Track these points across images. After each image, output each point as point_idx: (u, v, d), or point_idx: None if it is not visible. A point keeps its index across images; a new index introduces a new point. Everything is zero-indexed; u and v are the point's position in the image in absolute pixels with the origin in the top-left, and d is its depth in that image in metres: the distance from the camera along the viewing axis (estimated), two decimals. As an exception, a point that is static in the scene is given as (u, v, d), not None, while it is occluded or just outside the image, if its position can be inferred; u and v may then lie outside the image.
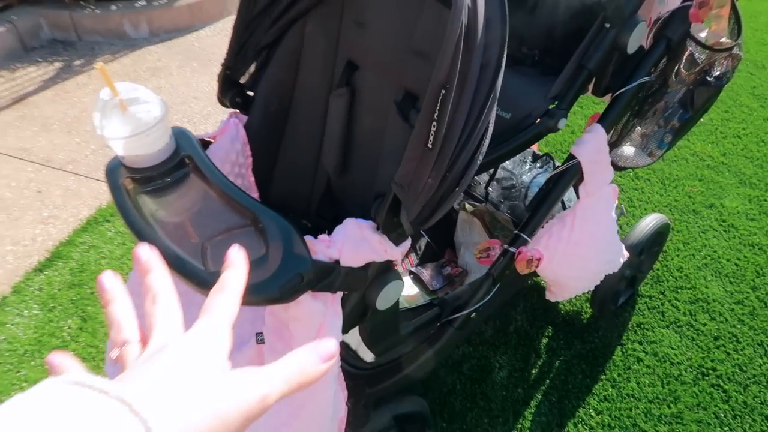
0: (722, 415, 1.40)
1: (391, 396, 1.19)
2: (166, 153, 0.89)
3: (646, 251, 1.55)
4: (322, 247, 0.78)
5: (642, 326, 1.60)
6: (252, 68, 1.06)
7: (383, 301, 0.87)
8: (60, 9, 3.18)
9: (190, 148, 0.89)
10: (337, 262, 0.78)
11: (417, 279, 1.53)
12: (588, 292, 1.63)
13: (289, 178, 1.11)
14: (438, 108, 0.70)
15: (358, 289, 0.85)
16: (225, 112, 1.11)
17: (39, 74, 2.99)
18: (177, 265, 0.74)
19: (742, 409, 1.41)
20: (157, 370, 0.31)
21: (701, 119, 1.25)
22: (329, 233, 0.81)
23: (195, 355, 0.33)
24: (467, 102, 0.73)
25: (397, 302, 0.93)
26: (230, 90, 1.04)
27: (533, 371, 1.50)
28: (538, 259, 1.07)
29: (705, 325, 1.61)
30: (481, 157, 0.77)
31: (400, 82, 0.95)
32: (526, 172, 1.61)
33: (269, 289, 0.72)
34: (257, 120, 1.06)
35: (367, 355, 1.20)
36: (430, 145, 0.72)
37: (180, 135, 0.91)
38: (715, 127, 2.40)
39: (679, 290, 1.70)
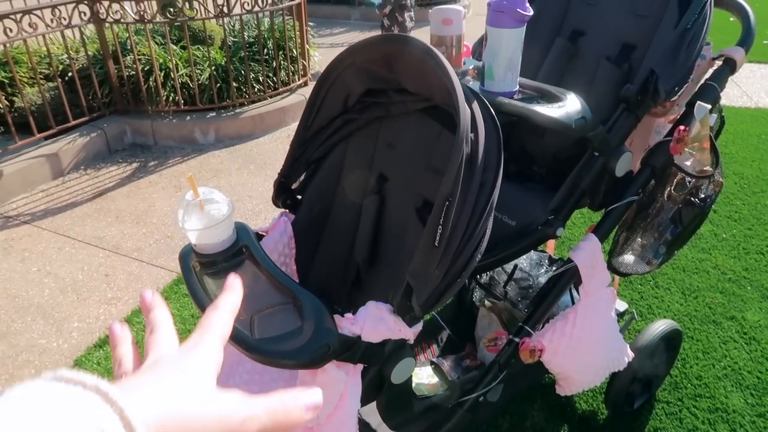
0: None
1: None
2: (228, 243, 1.10)
3: (659, 356, 1.62)
4: (347, 324, 0.95)
5: (659, 431, 1.63)
6: (302, 177, 1.30)
7: (397, 375, 1.02)
8: (143, 118, 3.68)
9: (247, 239, 1.11)
10: (359, 337, 0.95)
11: (437, 369, 1.65)
12: (603, 391, 1.69)
13: (325, 268, 1.30)
14: (443, 215, 0.89)
15: (376, 363, 1.00)
16: (273, 210, 1.34)
17: (118, 173, 3.41)
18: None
19: None
20: (144, 374, 0.33)
21: (721, 235, 1.39)
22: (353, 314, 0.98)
23: (183, 363, 0.34)
24: (468, 212, 0.92)
25: (410, 379, 1.06)
26: (283, 194, 1.28)
27: (548, 468, 1.55)
28: (540, 350, 1.19)
29: (724, 435, 1.63)
30: (479, 256, 0.94)
31: (420, 192, 1.16)
32: (542, 274, 1.75)
33: (302, 355, 0.89)
34: (303, 219, 1.28)
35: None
36: (436, 244, 0.90)
37: (241, 228, 1.13)
38: (738, 242, 2.49)
39: (698, 398, 1.74)
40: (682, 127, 1.19)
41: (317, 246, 1.31)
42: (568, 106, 1.10)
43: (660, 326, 1.58)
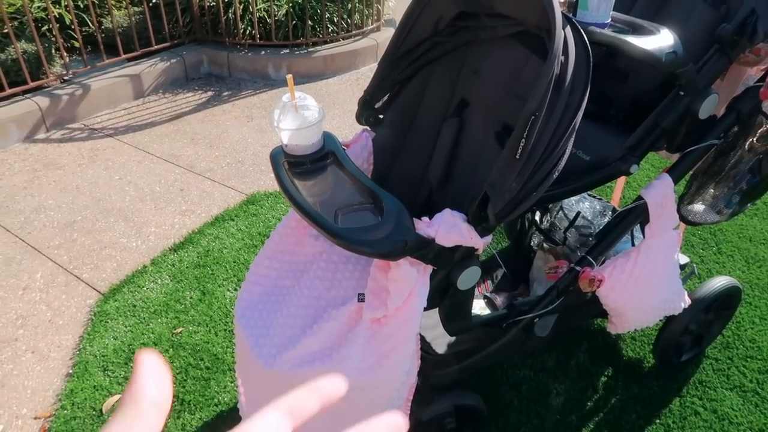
0: (775, 480, 1.43)
1: (455, 387, 1.37)
2: (317, 146, 1.18)
3: (714, 311, 1.63)
4: (423, 226, 1.02)
5: (704, 384, 1.66)
6: (385, 97, 1.35)
7: (463, 282, 1.09)
8: (219, 49, 3.80)
9: (334, 146, 1.19)
10: (433, 239, 1.02)
11: (490, 303, 1.72)
12: (651, 342, 1.72)
13: (399, 186, 1.37)
14: (527, 129, 0.94)
15: (445, 267, 1.07)
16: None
17: (194, 99, 3.57)
18: (316, 219, 1.01)
19: (797, 479, 1.43)
20: None
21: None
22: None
23: None
24: (551, 129, 0.96)
25: (473, 289, 1.13)
26: (366, 111, 1.34)
27: (588, 403, 1.61)
28: (600, 280, 1.24)
29: (770, 396, 1.64)
30: (556, 173, 0.99)
31: (501, 117, 1.20)
32: (604, 223, 1.77)
33: (382, 245, 0.97)
34: (383, 136, 1.34)
35: (439, 348, 1.40)
36: (517, 156, 0.95)
37: (328, 136, 1.21)
38: (812, 219, 2.41)
39: (749, 359, 1.74)
40: (775, 73, 1.17)
41: (393, 164, 1.38)
42: (661, 39, 1.10)
43: (721, 281, 1.58)
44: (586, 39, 1.01)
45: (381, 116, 1.37)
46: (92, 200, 2.58)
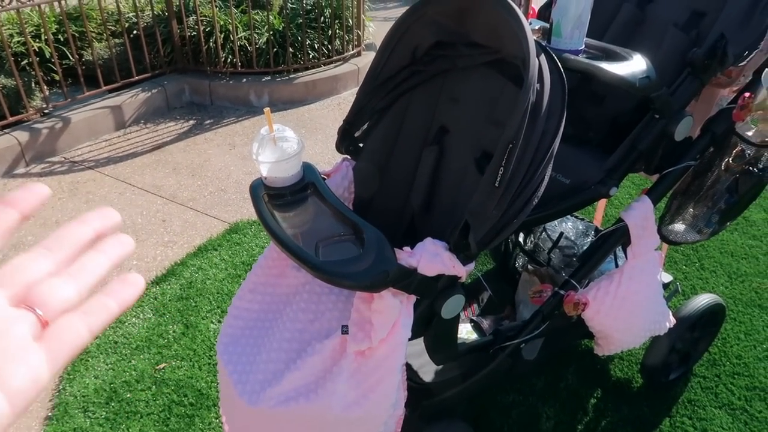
0: (769, 499, 1.42)
1: (443, 416, 1.35)
2: (296, 178, 1.18)
3: (699, 329, 1.63)
4: (405, 256, 1.01)
5: (693, 403, 1.66)
6: (365, 126, 1.36)
7: (447, 311, 1.08)
8: (201, 78, 3.81)
9: (314, 177, 1.18)
10: (415, 269, 1.01)
11: (477, 327, 1.71)
12: (639, 361, 1.72)
13: (380, 214, 1.36)
14: (506, 157, 0.94)
15: (429, 296, 1.06)
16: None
17: (176, 128, 3.56)
18: (296, 252, 1.00)
19: (791, 498, 1.42)
20: None
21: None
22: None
23: None
24: (529, 156, 0.96)
25: (458, 317, 1.12)
26: (346, 140, 1.34)
27: (579, 426, 1.59)
28: (585, 304, 1.23)
29: (761, 412, 1.63)
30: (536, 200, 0.99)
31: (480, 144, 1.21)
32: (587, 243, 1.78)
33: (363, 278, 0.96)
34: (363, 165, 1.34)
35: (426, 376, 1.38)
36: (497, 185, 0.95)
37: (307, 167, 1.20)
38: (792, 232, 2.44)
39: (735, 376, 1.74)
40: (747, 94, 1.19)
41: (375, 192, 1.38)
42: (634, 65, 1.12)
43: (704, 299, 1.59)
44: (560, 66, 1.02)
45: (361, 144, 1.37)
46: (72, 234, 2.54)
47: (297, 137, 1.17)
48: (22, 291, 0.33)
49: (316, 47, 3.93)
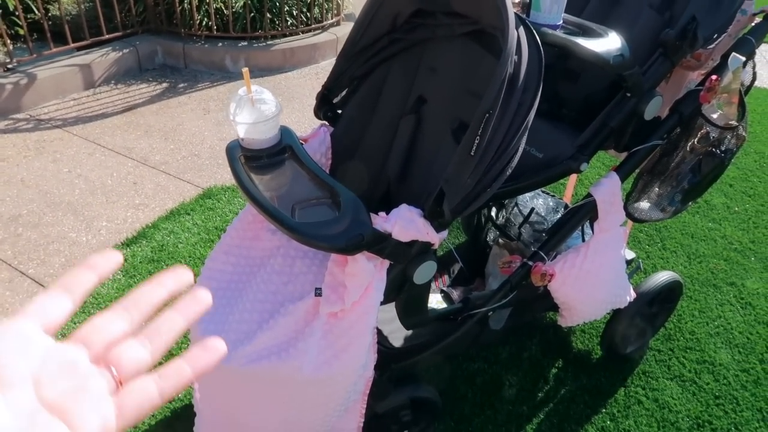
0: (711, 463, 1.51)
1: (411, 380, 1.39)
2: (274, 141, 1.18)
3: (657, 305, 1.71)
4: (380, 221, 1.03)
5: (647, 374, 1.74)
6: (344, 92, 1.36)
7: (420, 276, 1.10)
8: (175, 40, 3.71)
9: (291, 141, 1.18)
10: (390, 234, 1.03)
11: (447, 297, 1.75)
12: (599, 334, 1.79)
13: (357, 181, 1.38)
14: (482, 126, 0.96)
15: (402, 261, 1.09)
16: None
17: (148, 90, 3.47)
18: (273, 213, 1.01)
19: (731, 462, 1.52)
20: None
21: (733, 208, 1.45)
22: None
23: None
24: (505, 127, 0.98)
25: (429, 283, 1.15)
26: (324, 106, 1.34)
27: (539, 394, 1.66)
28: (551, 275, 1.28)
29: (708, 384, 1.73)
30: (509, 170, 1.01)
31: (457, 114, 1.23)
32: (557, 219, 1.83)
33: (339, 240, 0.97)
34: (341, 132, 1.35)
35: (396, 341, 1.41)
36: (472, 153, 0.97)
37: (285, 131, 1.20)
38: (749, 216, 2.55)
39: (688, 350, 1.83)
40: (714, 77, 1.23)
41: (351, 159, 1.38)
42: (609, 42, 1.14)
43: (664, 276, 1.66)
44: (538, 39, 1.04)
45: (339, 111, 1.37)
46: (39, 193, 2.48)
47: (275, 100, 1.16)
48: (102, 350, 0.35)
49: (295, 14, 3.85)
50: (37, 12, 3.29)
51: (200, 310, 0.40)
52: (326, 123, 1.37)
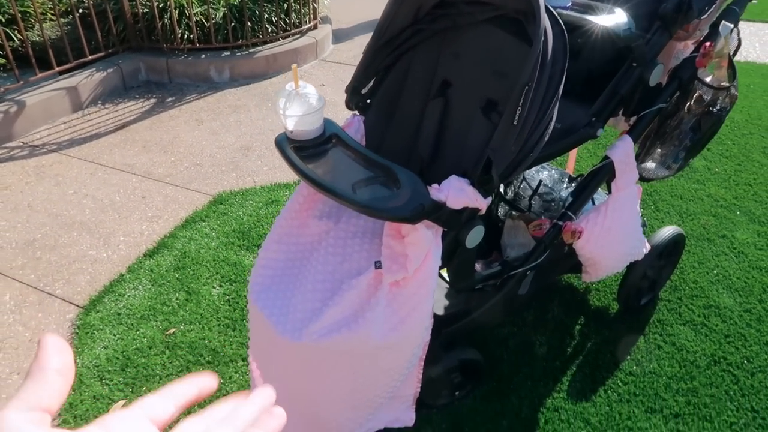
0: (732, 392, 1.66)
1: (458, 344, 1.50)
2: (319, 131, 1.27)
3: (665, 257, 1.86)
4: (435, 191, 1.14)
5: (662, 322, 1.89)
6: (371, 83, 1.45)
7: (471, 240, 1.21)
8: (157, 56, 3.74)
9: (336, 129, 1.28)
10: (444, 203, 1.13)
11: (472, 270, 1.86)
12: (616, 290, 1.93)
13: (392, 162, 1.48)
14: (522, 98, 1.07)
15: (454, 228, 1.19)
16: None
17: (137, 107, 3.50)
18: (340, 193, 1.10)
19: (749, 390, 1.67)
20: None
21: (714, 169, 1.60)
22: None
23: None
24: (540, 98, 1.10)
25: (477, 248, 1.26)
26: (355, 97, 1.44)
27: (568, 349, 1.79)
28: (580, 232, 1.40)
29: (717, 325, 1.88)
30: (547, 136, 1.13)
31: (484, 93, 1.34)
32: (563, 189, 1.96)
33: (404, 211, 1.07)
34: (372, 119, 1.44)
35: (442, 310, 1.52)
36: (515, 123, 1.08)
37: (328, 122, 1.29)
38: (729, 176, 2.74)
39: (694, 297, 1.99)
40: (707, 44, 1.38)
41: (382, 144, 1.48)
42: (617, 18, 1.27)
43: (669, 230, 1.80)
44: (559, 19, 1.16)
45: (369, 101, 1.47)
46: (49, 217, 2.50)
47: (318, 93, 1.26)
48: None
49: (274, 21, 3.92)
50: (15, 39, 3.29)
51: (280, 425, 0.39)
52: (357, 113, 1.47)
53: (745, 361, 1.76)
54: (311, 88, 1.25)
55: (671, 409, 1.62)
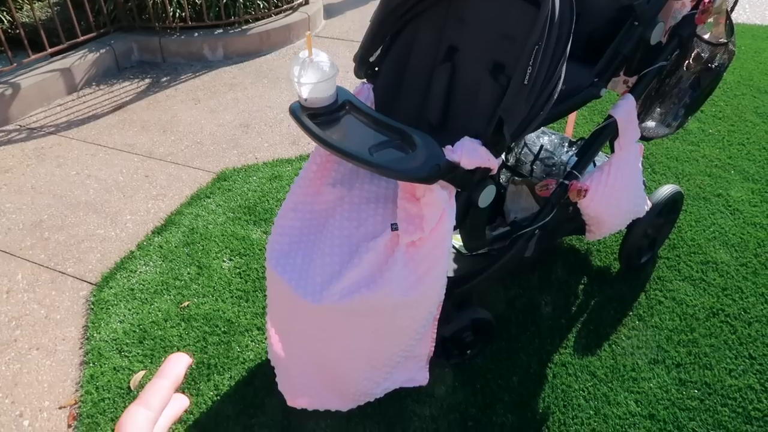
0: (730, 342, 1.73)
1: (469, 304, 1.55)
2: (333, 98, 1.29)
3: (665, 215, 1.91)
4: (449, 153, 1.17)
5: (662, 279, 1.95)
6: (379, 51, 1.48)
7: (483, 200, 1.25)
8: (150, 35, 3.71)
9: (349, 96, 1.30)
10: (458, 164, 1.17)
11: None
12: (616, 251, 1.99)
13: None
14: (533, 57, 1.10)
15: (467, 188, 1.23)
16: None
17: (133, 88, 3.48)
18: (358, 156, 1.13)
19: (746, 339, 1.74)
20: None
21: (708, 130, 1.64)
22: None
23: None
24: (548, 57, 1.13)
25: (489, 207, 1.30)
26: (364, 65, 1.46)
27: (573, 308, 1.85)
28: (586, 190, 1.45)
29: (714, 280, 1.95)
30: (556, 95, 1.16)
31: (492, 56, 1.37)
32: (564, 153, 2.00)
33: (421, 171, 1.11)
34: (381, 86, 1.47)
35: (454, 272, 1.57)
36: (525, 82, 1.12)
37: (341, 90, 1.32)
38: (723, 136, 2.79)
39: (692, 254, 2.05)
40: (706, 0, 1.41)
41: (391, 110, 1.51)
42: (619, -23, 1.29)
43: (668, 188, 1.85)
44: (564, -20, 1.18)
45: (377, 69, 1.49)
46: (54, 198, 2.51)
47: (331, 60, 1.28)
48: None
49: (266, -4, 3.89)
50: (4, 21, 3.25)
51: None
52: (366, 81, 1.49)
53: (743, 312, 1.83)
54: (324, 56, 1.27)
55: (673, 360, 1.69)
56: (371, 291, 1.24)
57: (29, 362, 1.78)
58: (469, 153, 1.17)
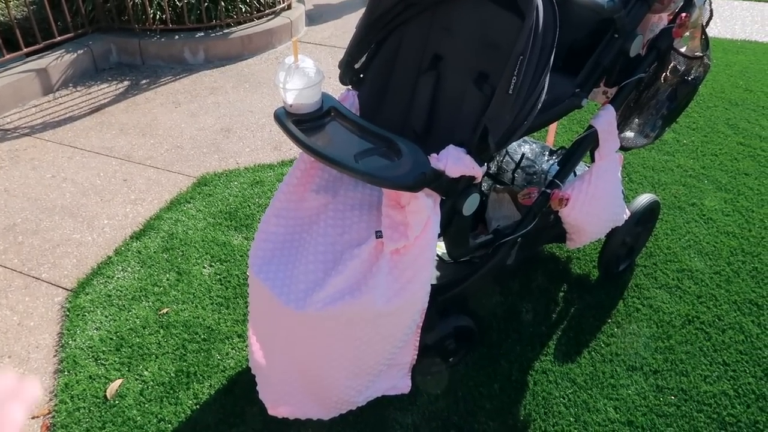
0: (705, 349, 1.77)
1: (452, 312, 1.56)
2: (318, 104, 1.29)
3: (642, 224, 1.95)
4: (434, 161, 1.18)
5: (639, 287, 1.99)
6: (364, 58, 1.48)
7: (467, 208, 1.26)
8: (129, 37, 3.66)
9: (334, 103, 1.30)
10: (443, 172, 1.18)
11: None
12: (596, 258, 2.02)
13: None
14: (517, 68, 1.12)
15: (452, 195, 1.24)
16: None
17: (111, 90, 3.43)
18: (343, 163, 1.13)
19: (720, 345, 1.78)
20: None
21: (682, 141, 1.68)
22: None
23: None
24: (533, 67, 1.15)
25: (473, 215, 1.31)
26: (349, 72, 1.46)
27: (553, 315, 1.87)
28: (567, 198, 1.47)
29: (689, 287, 1.99)
30: (540, 104, 1.18)
31: (476, 66, 1.38)
32: (545, 161, 2.02)
33: (407, 179, 1.11)
34: (365, 93, 1.47)
35: (437, 279, 1.57)
36: (510, 92, 1.13)
37: (326, 96, 1.32)
38: (696, 147, 2.86)
39: (668, 263, 2.10)
40: (683, 15, 1.45)
41: (375, 118, 1.52)
42: (600, -10, 1.32)
43: (646, 197, 1.89)
44: (549, -8, 1.20)
45: (362, 76, 1.49)
46: (28, 201, 2.45)
47: (316, 67, 1.28)
48: None
49: (248, 1, 3.87)
50: (-20, 19, 3.17)
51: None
52: (351, 87, 1.49)
53: (716, 320, 1.87)
54: (310, 62, 1.27)
55: (651, 366, 1.72)
56: (355, 299, 1.24)
57: (1, 371, 1.73)
58: (454, 161, 1.18)
